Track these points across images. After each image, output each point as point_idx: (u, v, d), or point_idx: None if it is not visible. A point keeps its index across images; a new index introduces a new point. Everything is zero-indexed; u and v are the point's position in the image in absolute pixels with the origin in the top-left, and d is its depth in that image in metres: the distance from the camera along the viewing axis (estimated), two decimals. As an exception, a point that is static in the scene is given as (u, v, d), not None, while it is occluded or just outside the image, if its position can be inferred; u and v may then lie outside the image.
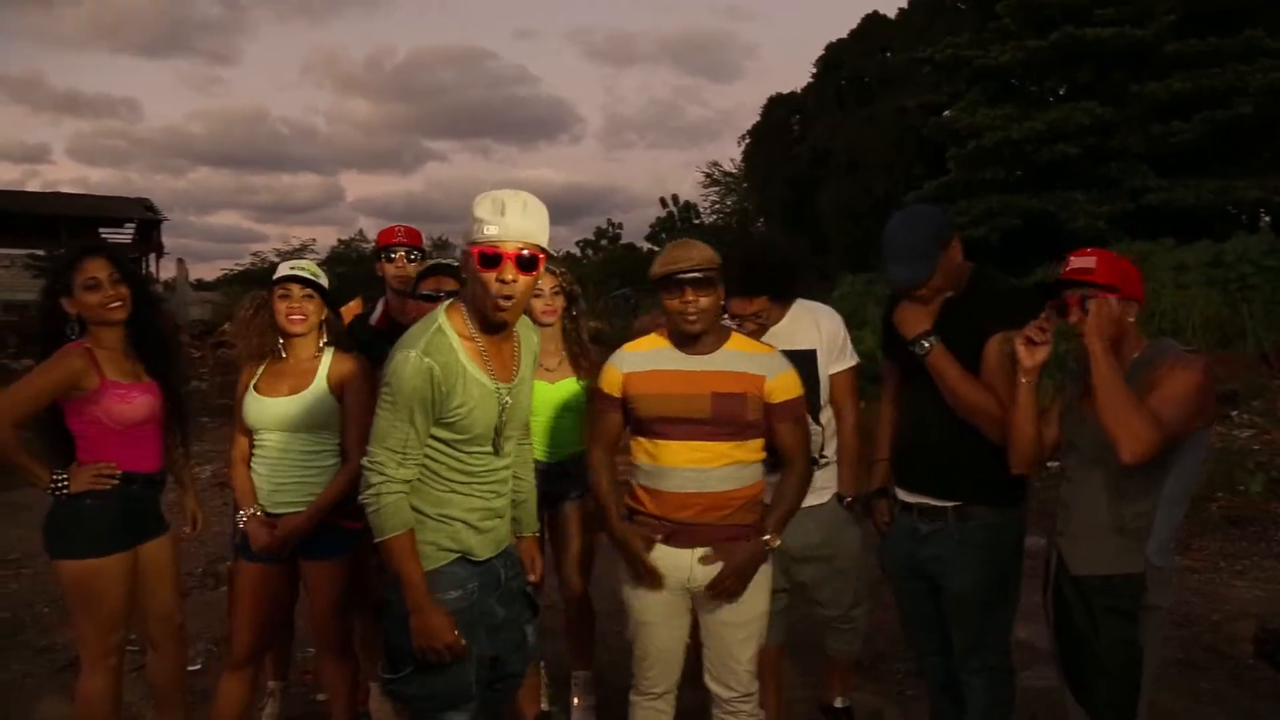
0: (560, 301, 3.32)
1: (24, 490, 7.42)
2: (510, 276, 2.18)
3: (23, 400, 2.83)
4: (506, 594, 2.47)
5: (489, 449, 2.34)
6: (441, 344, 2.22)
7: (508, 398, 2.33)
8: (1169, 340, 2.49)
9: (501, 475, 2.42)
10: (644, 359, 2.69)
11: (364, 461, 2.24)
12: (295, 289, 2.97)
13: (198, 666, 4.09)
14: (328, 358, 3.04)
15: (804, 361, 2.98)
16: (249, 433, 3.03)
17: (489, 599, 2.39)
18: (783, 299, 3.07)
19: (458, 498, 2.32)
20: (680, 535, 2.63)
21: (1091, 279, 2.40)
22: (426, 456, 2.27)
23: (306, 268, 3.04)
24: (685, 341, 2.66)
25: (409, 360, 2.17)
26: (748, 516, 2.66)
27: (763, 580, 2.70)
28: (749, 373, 2.63)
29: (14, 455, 2.82)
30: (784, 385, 2.66)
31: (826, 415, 3.13)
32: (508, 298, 2.20)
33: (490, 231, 2.17)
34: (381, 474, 2.20)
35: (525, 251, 2.19)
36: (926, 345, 2.70)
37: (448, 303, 2.36)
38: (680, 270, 2.55)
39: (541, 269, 2.28)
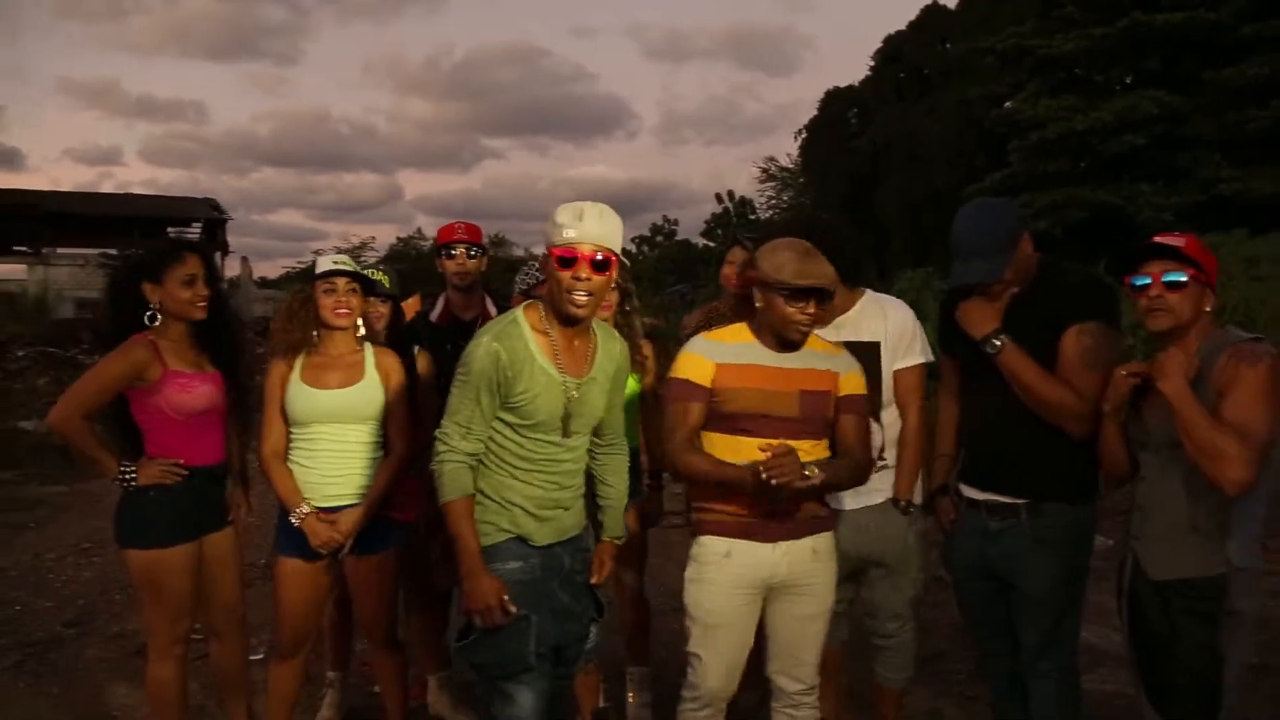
0: (614, 297, 3.30)
1: (98, 481, 7.70)
2: (585, 275, 2.35)
3: (91, 392, 2.91)
4: (570, 582, 2.56)
5: (554, 437, 2.47)
6: (513, 333, 2.42)
7: (574, 391, 2.46)
8: (1233, 330, 2.40)
9: (567, 468, 2.52)
10: (734, 352, 2.64)
11: (436, 433, 2.45)
12: (340, 283, 2.99)
13: (260, 656, 4.18)
14: (369, 351, 3.07)
15: (867, 354, 2.92)
16: (288, 427, 3.02)
17: (551, 582, 2.50)
18: (848, 281, 2.91)
19: (518, 484, 2.46)
20: (763, 530, 2.60)
21: (1181, 250, 2.33)
22: (492, 440, 2.45)
23: (346, 261, 3.06)
24: (774, 341, 2.64)
25: (481, 344, 2.40)
26: (821, 507, 2.70)
27: (830, 575, 2.71)
28: (828, 369, 2.67)
29: (85, 446, 2.91)
30: (852, 381, 2.72)
31: (889, 415, 2.99)
32: (582, 293, 2.36)
33: (569, 235, 2.35)
34: (447, 444, 2.41)
35: (599, 255, 2.36)
36: (998, 344, 2.63)
37: (527, 302, 2.54)
38: (815, 285, 2.54)
39: (615, 270, 2.43)
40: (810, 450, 2.57)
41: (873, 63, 34.27)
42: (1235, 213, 19.47)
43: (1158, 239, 2.40)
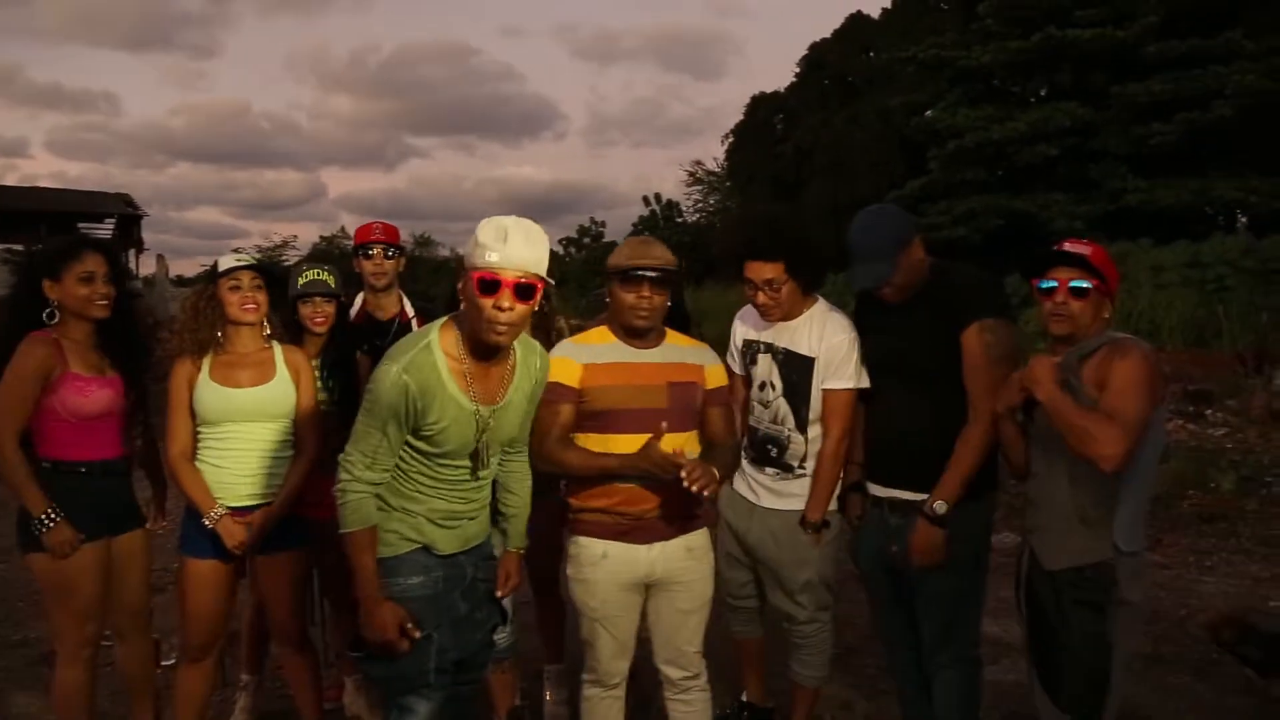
0: None
1: (-1, 486, 7.40)
2: (507, 304, 2.19)
3: (12, 405, 2.77)
4: (472, 591, 2.51)
5: (465, 464, 2.39)
6: (424, 362, 2.27)
7: (490, 420, 2.36)
8: (1117, 334, 2.52)
9: (474, 485, 2.45)
10: (598, 352, 2.72)
11: (340, 457, 2.34)
12: (245, 278, 2.94)
13: (171, 661, 4.07)
14: (278, 348, 3.04)
15: (801, 368, 2.97)
16: (195, 427, 2.95)
17: (453, 593, 2.45)
18: (800, 276, 2.92)
19: (423, 498, 2.40)
20: (637, 532, 2.68)
21: (1088, 259, 2.45)
22: (400, 459, 2.34)
23: (249, 256, 3.01)
24: (633, 336, 2.72)
25: (389, 374, 2.24)
26: (696, 506, 2.77)
27: (708, 569, 2.83)
28: (693, 363, 2.78)
29: (16, 476, 2.78)
30: (717, 374, 2.85)
31: (814, 431, 3.00)
32: (503, 324, 2.21)
33: (491, 258, 2.17)
34: (350, 474, 2.30)
35: (524, 280, 2.20)
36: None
37: (443, 320, 2.38)
38: (643, 266, 2.63)
39: (538, 298, 2.28)
40: (683, 441, 2.65)
41: (798, 69, 34.85)
42: (1141, 222, 20.36)
43: (1067, 246, 2.51)
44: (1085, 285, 2.44)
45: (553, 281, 2.39)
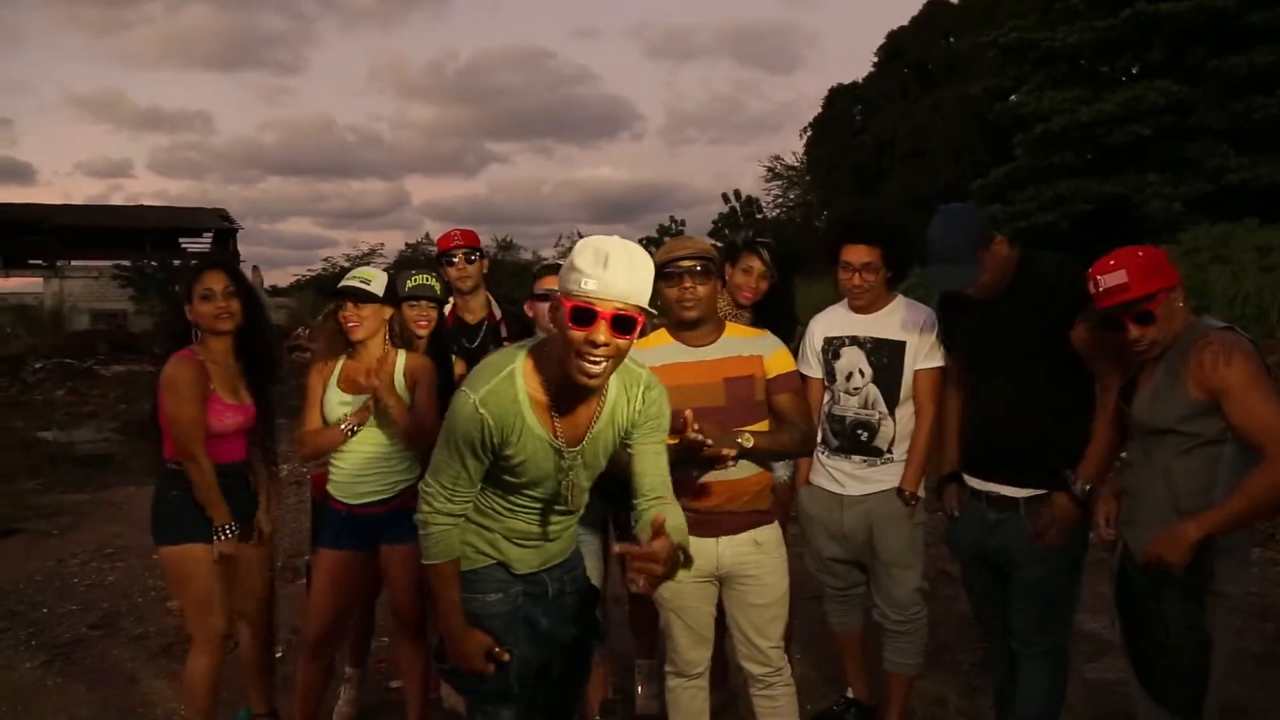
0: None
1: (119, 489, 7.83)
2: (603, 339, 1.94)
3: (194, 424, 3.00)
4: (558, 606, 2.40)
5: (548, 500, 2.24)
6: (504, 394, 2.09)
7: (575, 460, 2.18)
8: (1206, 321, 2.46)
9: (558, 516, 2.31)
10: (657, 355, 2.75)
11: (421, 485, 2.24)
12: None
13: (279, 654, 4.28)
14: (400, 357, 3.18)
15: (892, 352, 3.06)
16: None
17: (534, 608, 2.34)
18: (893, 263, 3.06)
19: (500, 517, 2.28)
20: (704, 525, 2.71)
21: (1130, 297, 2.38)
22: (485, 478, 2.21)
23: (359, 275, 3.17)
24: (687, 333, 2.77)
25: (467, 404, 2.08)
26: (763, 503, 2.82)
27: (781, 561, 2.84)
28: (751, 354, 2.78)
29: (210, 489, 3.03)
30: (780, 360, 2.81)
31: (904, 412, 3.10)
32: (596, 361, 1.97)
33: (588, 286, 1.93)
34: (430, 505, 2.18)
35: (623, 312, 1.95)
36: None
37: (530, 344, 2.21)
38: (677, 258, 2.70)
39: (637, 334, 2.03)
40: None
41: (876, 58, 34.26)
42: (1245, 201, 19.37)
43: (1103, 286, 2.41)
44: (1150, 319, 2.39)
45: (655, 313, 2.18)
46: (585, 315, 1.94)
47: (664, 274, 2.67)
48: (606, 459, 2.29)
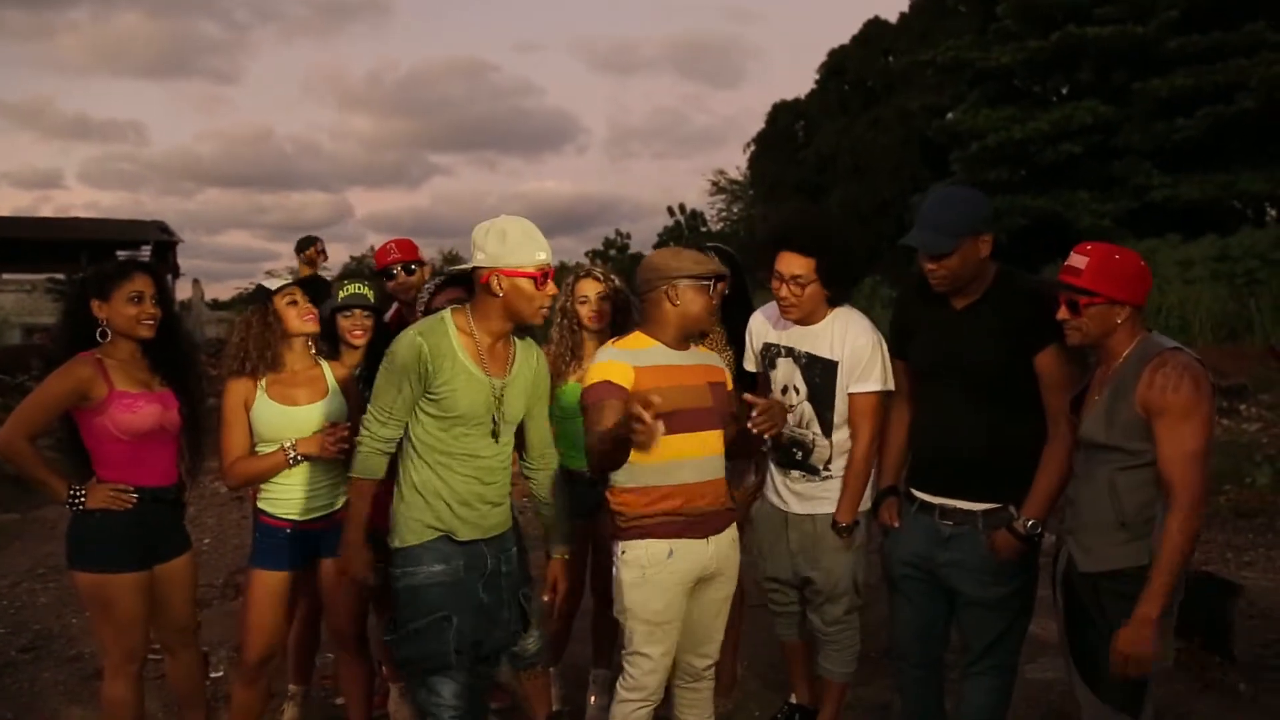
0: (607, 307, 3.37)
1: (52, 508, 7.58)
2: (552, 289, 2.61)
3: (35, 412, 2.86)
4: (494, 583, 2.68)
5: (474, 432, 2.61)
6: (438, 329, 2.58)
7: (502, 390, 2.62)
8: (1156, 339, 2.46)
9: (489, 463, 2.65)
10: (645, 356, 2.77)
11: (361, 418, 2.66)
12: (298, 292, 3.12)
13: (220, 674, 4.19)
14: (326, 366, 3.15)
15: (824, 371, 3.00)
16: (253, 447, 3.03)
17: (474, 580, 2.63)
18: (828, 281, 2.95)
19: (440, 478, 2.59)
20: (696, 527, 2.74)
21: (1075, 283, 2.41)
22: (418, 436, 2.60)
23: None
24: (670, 339, 2.81)
25: (406, 337, 2.57)
26: (730, 500, 2.91)
27: (739, 559, 2.95)
28: (718, 365, 2.96)
29: (30, 468, 2.87)
30: (729, 375, 3.02)
31: (840, 435, 3.03)
32: (548, 305, 2.62)
33: (541, 257, 2.53)
34: (367, 429, 2.61)
35: (553, 269, 2.60)
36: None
37: (453, 308, 2.66)
38: (719, 273, 2.84)
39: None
40: (719, 440, 2.83)
41: (818, 75, 34.83)
42: (1167, 218, 20.16)
43: (1069, 260, 2.47)
44: (1077, 303, 2.42)
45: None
46: (545, 277, 2.55)
47: (699, 283, 2.78)
48: (523, 408, 2.72)
